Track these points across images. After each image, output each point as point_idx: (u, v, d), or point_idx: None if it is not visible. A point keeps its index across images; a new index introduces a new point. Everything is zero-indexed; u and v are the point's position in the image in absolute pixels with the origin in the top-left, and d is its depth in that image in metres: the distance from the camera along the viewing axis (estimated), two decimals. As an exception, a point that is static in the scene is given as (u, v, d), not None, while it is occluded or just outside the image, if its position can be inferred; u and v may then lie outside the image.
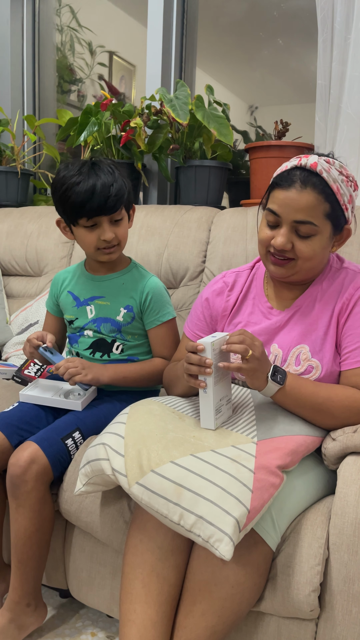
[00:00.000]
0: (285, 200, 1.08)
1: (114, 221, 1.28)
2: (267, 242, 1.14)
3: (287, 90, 2.23)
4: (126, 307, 1.35)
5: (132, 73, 2.65)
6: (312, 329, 1.16)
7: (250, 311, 1.24)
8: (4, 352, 1.89)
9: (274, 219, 1.11)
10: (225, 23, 2.31)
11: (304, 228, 1.09)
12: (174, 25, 2.27)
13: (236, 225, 1.74)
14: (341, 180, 1.09)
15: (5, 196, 2.38)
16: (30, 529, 1.16)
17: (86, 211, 1.23)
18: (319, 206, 1.08)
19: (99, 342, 1.37)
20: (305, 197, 1.07)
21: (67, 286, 1.42)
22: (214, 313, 1.28)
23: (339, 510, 0.97)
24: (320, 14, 1.74)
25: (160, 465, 0.96)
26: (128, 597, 1.00)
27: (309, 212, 1.07)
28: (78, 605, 1.41)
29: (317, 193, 1.07)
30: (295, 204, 1.07)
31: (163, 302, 1.37)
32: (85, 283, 1.39)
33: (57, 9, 2.69)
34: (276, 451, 1.00)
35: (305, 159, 1.09)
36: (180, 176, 2.05)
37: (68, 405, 1.29)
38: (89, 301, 1.38)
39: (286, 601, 0.98)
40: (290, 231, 1.10)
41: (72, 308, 1.39)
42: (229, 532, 0.88)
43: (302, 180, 1.07)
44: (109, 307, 1.36)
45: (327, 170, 1.08)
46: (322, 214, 1.08)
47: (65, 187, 1.23)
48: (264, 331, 1.20)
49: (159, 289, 1.37)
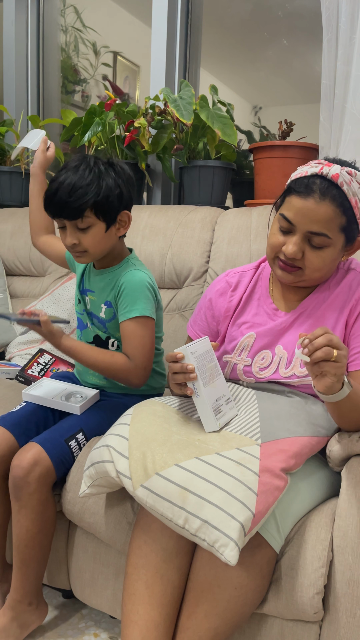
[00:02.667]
0: (302, 210, 1.05)
1: (78, 228, 1.19)
2: (278, 248, 1.12)
3: (292, 90, 2.23)
4: (105, 303, 1.30)
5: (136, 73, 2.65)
6: None
7: (255, 312, 1.23)
8: (8, 352, 1.89)
9: (287, 226, 1.09)
10: (230, 23, 2.31)
11: (318, 239, 1.07)
12: (178, 26, 2.26)
13: (240, 226, 1.73)
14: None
15: (10, 196, 2.39)
16: (32, 530, 1.16)
17: (48, 210, 1.19)
18: (335, 219, 1.05)
19: (97, 338, 1.35)
20: (324, 208, 1.04)
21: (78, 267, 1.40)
22: (217, 313, 1.27)
23: (343, 512, 0.96)
24: (325, 14, 1.73)
25: (165, 468, 0.95)
26: (131, 598, 1.00)
27: (325, 225, 1.05)
28: (81, 605, 1.41)
29: (335, 206, 1.04)
30: (312, 214, 1.05)
31: (136, 297, 1.24)
32: (87, 274, 1.37)
33: (61, 10, 2.69)
34: (280, 453, 0.99)
35: (327, 167, 1.05)
36: (184, 176, 2.04)
37: (67, 408, 1.28)
38: (86, 292, 1.35)
39: (290, 603, 0.98)
40: (303, 240, 1.08)
41: (77, 290, 1.38)
42: (235, 537, 0.87)
43: (322, 191, 1.04)
44: (94, 302, 1.33)
45: (348, 183, 1.04)
46: (338, 227, 1.06)
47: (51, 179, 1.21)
48: (269, 332, 1.19)
49: (137, 282, 1.25)
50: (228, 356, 1.24)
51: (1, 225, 2.18)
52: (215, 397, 1.06)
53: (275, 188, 1.91)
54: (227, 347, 1.25)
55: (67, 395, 1.31)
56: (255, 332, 1.20)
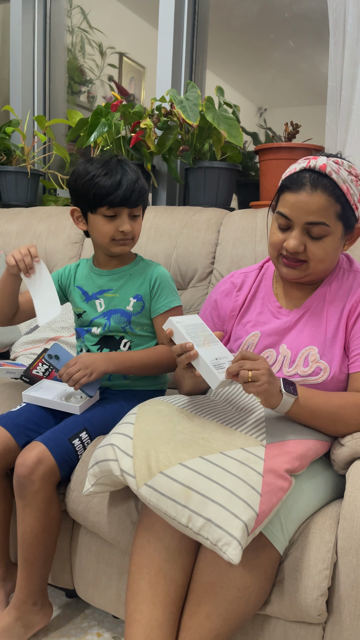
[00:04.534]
0: (297, 204, 1.08)
1: (132, 216, 1.30)
2: (279, 245, 1.14)
3: (298, 92, 2.23)
4: (135, 297, 1.36)
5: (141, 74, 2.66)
6: (321, 331, 1.16)
7: (259, 310, 1.24)
8: (13, 352, 1.89)
9: (285, 222, 1.11)
10: (236, 25, 2.31)
11: (317, 229, 1.09)
12: (185, 27, 2.27)
13: (245, 227, 1.73)
14: (350, 180, 1.09)
15: (15, 196, 2.39)
16: (36, 529, 1.16)
17: (110, 200, 1.26)
18: (330, 207, 1.08)
19: (106, 339, 1.37)
20: (316, 199, 1.07)
21: (76, 281, 1.43)
22: (222, 314, 1.29)
23: (348, 514, 0.96)
24: (332, 16, 1.73)
25: (169, 467, 0.96)
26: (134, 597, 1.00)
27: (321, 214, 1.07)
28: (84, 605, 1.41)
29: (327, 195, 1.07)
30: (306, 206, 1.07)
31: (171, 289, 1.38)
32: (94, 279, 1.40)
33: (68, 11, 2.70)
34: (285, 455, 0.99)
35: (313, 160, 1.09)
36: (190, 177, 2.04)
37: (67, 408, 1.28)
38: (97, 295, 1.38)
39: (293, 605, 0.98)
40: (303, 233, 1.10)
41: (81, 302, 1.40)
42: (238, 536, 0.88)
43: (312, 183, 1.07)
44: (117, 299, 1.36)
45: (337, 172, 1.07)
46: (334, 215, 1.09)
47: (92, 175, 1.26)
48: (274, 331, 1.20)
49: (167, 276, 1.39)
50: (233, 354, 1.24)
51: (7, 225, 2.19)
52: (213, 356, 1.05)
53: (281, 189, 1.90)
54: (233, 346, 1.26)
55: (67, 396, 1.31)
56: (260, 330, 1.21)
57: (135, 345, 1.38)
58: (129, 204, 1.27)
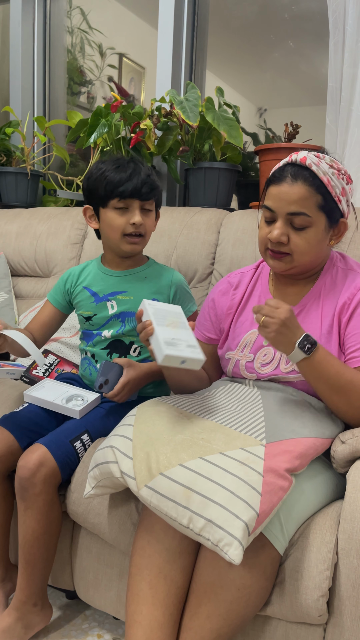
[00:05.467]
0: (279, 195, 1.12)
1: (144, 209, 1.30)
2: (266, 239, 1.17)
3: (298, 93, 2.23)
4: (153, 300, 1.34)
5: (141, 75, 2.66)
6: (317, 327, 1.17)
7: None
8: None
9: (270, 215, 1.15)
10: (236, 25, 2.31)
11: (298, 220, 1.12)
12: (185, 28, 2.27)
13: (245, 227, 1.73)
14: (332, 173, 1.12)
15: (15, 197, 2.39)
16: (37, 531, 1.16)
17: (120, 192, 1.26)
18: (310, 198, 1.11)
19: (116, 344, 1.35)
20: (297, 189, 1.10)
21: (82, 282, 1.40)
22: (219, 312, 1.31)
23: (348, 515, 0.96)
24: (331, 17, 1.74)
25: (169, 468, 0.96)
26: (135, 598, 1.00)
27: (302, 204, 1.11)
28: (84, 606, 1.41)
29: (307, 185, 1.11)
30: (287, 197, 1.11)
31: (189, 296, 1.41)
32: (104, 279, 1.37)
33: (67, 11, 2.70)
34: (285, 454, 0.99)
35: (295, 155, 1.14)
36: (190, 178, 2.04)
37: (66, 411, 1.27)
38: (109, 297, 1.35)
39: (294, 606, 0.98)
40: (285, 224, 1.13)
41: (90, 304, 1.36)
42: (239, 536, 0.88)
43: (293, 175, 1.11)
44: (132, 302, 1.34)
45: (317, 164, 1.11)
46: (315, 206, 1.11)
47: (103, 171, 1.28)
48: None
49: (183, 282, 1.40)
50: (231, 353, 1.26)
51: (7, 226, 2.19)
52: (171, 336, 1.06)
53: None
54: (231, 345, 1.27)
55: (68, 398, 1.30)
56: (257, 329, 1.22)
57: (146, 351, 1.37)
58: (140, 196, 1.27)
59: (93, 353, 1.38)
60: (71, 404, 1.29)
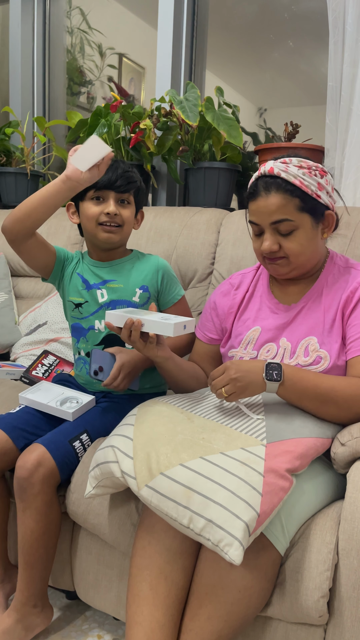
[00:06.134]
0: (258, 209, 1.16)
1: (120, 201, 1.31)
2: (259, 250, 1.20)
3: (297, 92, 2.23)
4: (142, 288, 1.35)
5: (141, 75, 2.66)
6: (320, 321, 1.19)
7: (258, 307, 1.28)
8: (13, 353, 1.89)
9: (257, 228, 1.19)
10: (236, 25, 2.31)
11: (283, 226, 1.15)
12: (184, 27, 2.27)
13: (245, 227, 1.73)
14: (302, 173, 1.13)
15: (15, 197, 2.39)
16: (37, 532, 1.16)
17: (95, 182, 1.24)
18: (288, 203, 1.13)
19: (110, 338, 1.35)
20: (272, 199, 1.13)
21: (76, 268, 1.39)
22: (221, 312, 1.33)
23: (349, 515, 0.96)
24: (331, 16, 1.73)
25: (170, 468, 0.95)
26: (135, 599, 1.00)
27: (282, 211, 1.13)
28: (84, 607, 1.41)
29: (282, 192, 1.13)
30: (265, 209, 1.14)
31: (175, 279, 1.41)
32: (94, 270, 1.37)
33: (67, 11, 2.70)
34: (285, 454, 0.99)
35: (263, 167, 1.16)
36: (190, 178, 2.04)
37: (60, 413, 1.27)
38: (100, 285, 1.35)
39: (294, 607, 0.97)
40: (273, 234, 1.16)
41: (81, 290, 1.35)
42: (239, 537, 0.87)
43: (265, 187, 1.14)
44: (122, 289, 1.35)
45: (285, 170, 1.13)
46: (295, 209, 1.13)
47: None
48: (273, 326, 1.24)
49: (169, 266, 1.41)
50: (234, 350, 1.27)
51: (6, 226, 2.18)
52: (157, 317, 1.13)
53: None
54: (234, 342, 1.28)
55: (62, 401, 1.30)
56: (260, 325, 1.25)
57: None
58: (115, 188, 1.29)
59: (88, 352, 1.36)
60: (65, 406, 1.28)
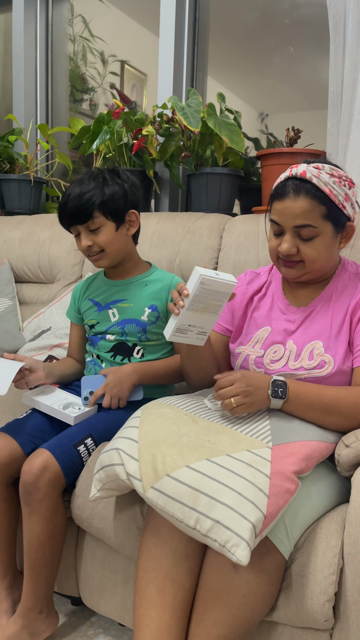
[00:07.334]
0: (283, 210, 1.15)
1: (90, 230, 1.30)
2: (276, 250, 1.20)
3: (299, 97, 2.24)
4: (151, 307, 1.36)
5: (143, 82, 2.67)
6: (327, 326, 1.19)
7: (269, 307, 1.29)
8: (17, 359, 1.89)
9: (277, 228, 1.18)
10: (237, 31, 2.32)
11: (305, 231, 1.14)
12: (186, 34, 2.28)
13: (248, 232, 1.74)
14: (333, 182, 1.13)
15: (18, 204, 2.40)
16: (42, 536, 1.16)
17: (62, 223, 1.32)
18: (314, 209, 1.12)
19: (119, 346, 1.38)
20: (300, 203, 1.13)
21: (86, 294, 1.45)
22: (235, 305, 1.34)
23: (354, 519, 0.96)
24: (332, 22, 1.74)
25: (176, 469, 0.96)
26: (142, 601, 1.00)
27: (306, 216, 1.13)
28: (89, 613, 1.41)
29: (310, 198, 1.12)
30: (291, 211, 1.13)
31: None
32: (107, 289, 1.42)
33: (69, 19, 2.72)
34: (291, 456, 0.99)
35: (295, 168, 1.15)
36: (192, 183, 2.05)
37: (62, 416, 1.27)
38: (110, 305, 1.39)
39: (300, 611, 0.97)
40: (293, 236, 1.16)
41: (93, 313, 1.42)
42: (246, 537, 0.87)
43: (295, 189, 1.13)
44: (132, 309, 1.37)
45: (317, 176, 1.13)
46: (320, 216, 1.13)
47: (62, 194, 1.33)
48: (282, 327, 1.24)
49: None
50: (242, 347, 1.28)
51: (10, 233, 2.20)
52: (188, 322, 1.10)
53: (283, 194, 1.91)
54: (243, 340, 1.29)
55: (65, 405, 1.31)
56: (271, 325, 1.26)
57: (148, 353, 1.38)
58: (78, 221, 1.29)
59: (98, 354, 1.41)
60: (68, 410, 1.29)
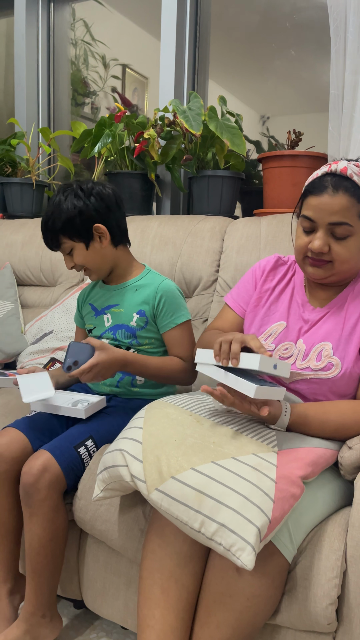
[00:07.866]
0: (320, 205, 1.11)
1: (67, 254, 1.35)
2: (305, 248, 1.16)
3: (300, 100, 2.24)
4: (138, 312, 1.36)
5: (144, 85, 2.68)
6: (339, 328, 1.18)
7: (289, 300, 1.27)
8: (19, 362, 1.90)
9: (310, 225, 1.15)
10: (238, 34, 2.33)
11: (340, 229, 1.12)
12: (187, 37, 2.29)
13: (249, 235, 1.74)
14: None
15: (20, 207, 2.41)
16: (44, 538, 1.16)
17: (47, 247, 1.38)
18: (352, 208, 1.10)
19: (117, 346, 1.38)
20: (338, 200, 1.10)
21: (87, 299, 1.47)
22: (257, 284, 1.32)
23: (357, 522, 0.96)
24: (332, 25, 1.75)
25: (181, 471, 0.95)
26: (147, 602, 0.99)
27: (344, 214, 1.10)
28: (92, 616, 1.41)
29: (349, 196, 1.10)
30: (329, 207, 1.10)
31: (177, 305, 1.37)
32: (103, 294, 1.44)
33: (71, 23, 2.73)
34: (297, 461, 0.99)
35: (335, 165, 1.13)
36: (194, 186, 2.05)
37: (72, 412, 1.27)
38: (105, 310, 1.41)
39: (303, 614, 0.97)
40: (327, 234, 1.13)
41: (91, 318, 1.44)
42: (252, 542, 0.87)
43: (334, 185, 1.10)
44: (123, 314, 1.38)
45: (358, 174, 1.11)
46: (356, 215, 1.11)
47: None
48: (297, 325, 1.23)
49: (172, 291, 1.37)
50: None
51: (12, 236, 2.20)
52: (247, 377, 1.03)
53: (284, 197, 1.91)
54: (257, 332, 1.27)
55: (73, 402, 1.31)
56: (286, 321, 1.24)
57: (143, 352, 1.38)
58: (52, 249, 1.35)
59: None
60: (79, 406, 1.30)
